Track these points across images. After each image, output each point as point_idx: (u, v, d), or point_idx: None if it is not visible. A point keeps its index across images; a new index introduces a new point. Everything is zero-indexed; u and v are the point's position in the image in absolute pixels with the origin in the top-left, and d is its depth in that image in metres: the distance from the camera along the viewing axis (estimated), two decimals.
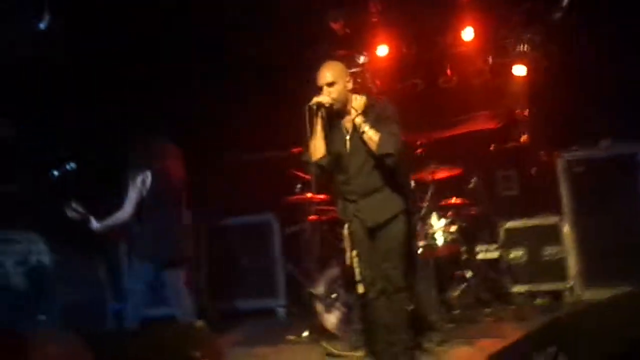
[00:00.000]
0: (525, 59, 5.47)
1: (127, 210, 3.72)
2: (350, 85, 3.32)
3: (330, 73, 3.26)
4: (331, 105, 3.20)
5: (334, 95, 3.22)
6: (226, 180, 5.87)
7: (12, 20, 4.27)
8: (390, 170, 3.28)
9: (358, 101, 3.31)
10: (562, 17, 5.30)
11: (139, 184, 3.72)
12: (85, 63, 4.88)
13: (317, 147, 3.25)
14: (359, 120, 3.19)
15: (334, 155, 3.32)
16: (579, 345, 2.51)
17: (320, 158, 3.26)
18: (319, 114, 3.18)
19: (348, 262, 3.33)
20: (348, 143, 3.31)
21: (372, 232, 3.27)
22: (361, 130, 3.19)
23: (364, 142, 3.21)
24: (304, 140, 3.26)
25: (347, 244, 3.35)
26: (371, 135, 3.18)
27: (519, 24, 5.41)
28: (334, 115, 3.30)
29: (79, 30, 4.67)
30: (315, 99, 3.17)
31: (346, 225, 3.35)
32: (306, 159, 3.33)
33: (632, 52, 5.14)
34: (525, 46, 5.44)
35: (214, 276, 5.64)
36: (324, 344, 4.00)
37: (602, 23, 5.14)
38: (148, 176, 3.74)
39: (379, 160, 3.23)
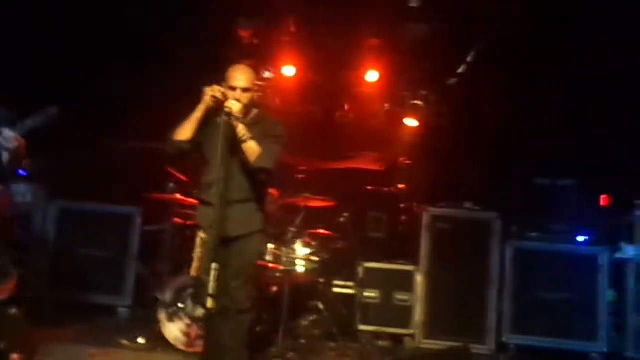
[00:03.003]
0: (418, 113, 5.74)
1: None
2: (256, 97, 3.26)
3: (247, 77, 3.19)
4: (238, 115, 3.07)
5: (246, 102, 3.14)
6: (98, 165, 5.51)
7: None
8: (258, 186, 3.23)
9: (251, 113, 3.26)
10: (456, 84, 5.67)
11: None
12: None
13: (186, 130, 3.16)
14: (241, 127, 3.10)
15: (208, 152, 3.20)
16: None
17: (183, 140, 3.16)
18: (208, 101, 3.11)
19: (194, 272, 3.20)
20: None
21: (226, 244, 3.15)
22: (243, 138, 3.10)
23: (241, 151, 3.12)
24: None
25: (198, 252, 3.22)
26: (252, 145, 3.11)
27: (418, 80, 5.69)
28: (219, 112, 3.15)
29: None
30: (229, 105, 3.05)
31: (201, 233, 3.23)
32: (170, 136, 3.21)
33: (510, 130, 5.63)
34: (420, 102, 5.72)
35: (60, 263, 5.17)
36: None
37: (494, 97, 5.56)
38: None
39: (250, 172, 3.16)
